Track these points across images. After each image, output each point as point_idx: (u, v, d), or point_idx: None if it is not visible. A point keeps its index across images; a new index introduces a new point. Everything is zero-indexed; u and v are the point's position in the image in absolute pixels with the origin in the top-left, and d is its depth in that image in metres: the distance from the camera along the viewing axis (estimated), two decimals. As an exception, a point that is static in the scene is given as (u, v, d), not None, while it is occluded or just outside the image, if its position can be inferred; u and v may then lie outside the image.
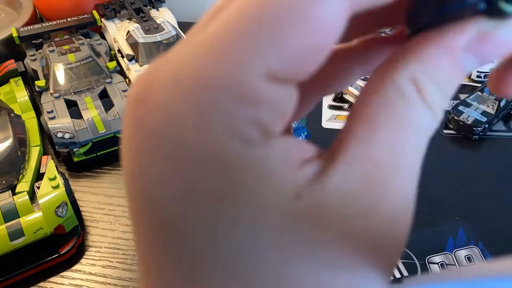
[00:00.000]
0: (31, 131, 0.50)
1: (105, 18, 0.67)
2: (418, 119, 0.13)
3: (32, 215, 0.38)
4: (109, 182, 0.49)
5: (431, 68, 0.13)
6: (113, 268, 0.40)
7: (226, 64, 0.11)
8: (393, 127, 0.13)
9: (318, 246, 0.12)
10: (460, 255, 0.39)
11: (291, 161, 0.12)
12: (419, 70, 0.13)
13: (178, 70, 0.11)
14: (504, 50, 0.13)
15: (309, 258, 0.12)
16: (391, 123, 0.12)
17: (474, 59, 0.13)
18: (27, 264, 0.39)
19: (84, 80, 0.54)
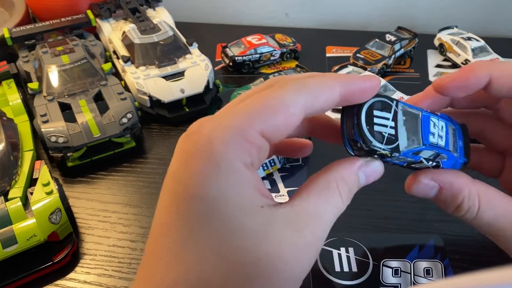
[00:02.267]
0: (24, 135, 0.50)
1: (100, 18, 0.68)
2: (334, 202, 0.26)
3: (25, 222, 0.39)
4: (104, 188, 0.50)
5: (344, 176, 0.27)
6: (109, 276, 0.41)
7: (244, 123, 0.24)
8: (319, 200, 0.25)
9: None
10: (419, 266, 0.40)
11: (258, 187, 0.24)
12: (339, 176, 0.27)
13: (219, 120, 0.24)
14: (376, 173, 0.28)
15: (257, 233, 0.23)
16: (319, 198, 0.26)
17: (363, 175, 0.27)
18: (20, 272, 0.39)
19: (79, 82, 0.55)
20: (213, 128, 0.23)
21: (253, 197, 0.23)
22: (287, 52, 0.69)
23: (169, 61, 0.59)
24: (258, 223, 0.23)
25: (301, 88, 0.24)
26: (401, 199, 0.47)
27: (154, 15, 0.68)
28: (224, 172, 0.23)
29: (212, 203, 0.22)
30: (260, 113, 0.24)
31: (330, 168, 0.27)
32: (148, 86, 0.56)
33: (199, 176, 0.22)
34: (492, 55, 0.66)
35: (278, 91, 0.24)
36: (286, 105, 0.24)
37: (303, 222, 0.24)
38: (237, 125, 0.23)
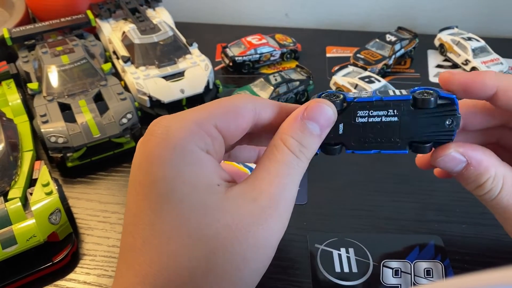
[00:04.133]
0: (24, 136, 0.50)
1: (100, 18, 0.68)
2: (285, 159, 0.26)
3: (24, 222, 0.39)
4: (104, 188, 0.50)
5: (287, 130, 0.27)
6: (108, 277, 0.41)
7: (198, 116, 0.27)
8: (268, 164, 0.26)
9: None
10: (419, 267, 0.40)
11: (216, 169, 0.26)
12: (282, 132, 0.27)
13: (176, 115, 0.27)
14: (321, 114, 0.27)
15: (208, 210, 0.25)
16: (268, 162, 0.26)
17: (313, 123, 0.27)
18: (20, 273, 0.39)
19: (78, 82, 0.55)
20: (170, 120, 0.26)
21: (209, 176, 0.25)
22: (287, 52, 0.69)
23: (169, 61, 0.59)
24: (215, 199, 0.24)
25: (252, 99, 0.28)
26: (401, 199, 0.47)
27: (154, 15, 0.68)
28: (180, 154, 0.24)
29: (170, 184, 0.24)
30: (215, 111, 0.27)
31: (277, 131, 0.28)
32: (148, 86, 0.56)
33: (158, 161, 0.24)
34: (492, 55, 0.66)
35: (233, 98, 0.28)
36: (237, 107, 0.27)
37: (257, 189, 0.25)
38: (192, 117, 0.26)
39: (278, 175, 0.26)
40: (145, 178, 0.25)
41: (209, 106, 0.27)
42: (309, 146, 0.27)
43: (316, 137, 0.27)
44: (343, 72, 0.63)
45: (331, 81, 0.62)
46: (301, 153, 0.26)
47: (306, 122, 0.27)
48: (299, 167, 0.26)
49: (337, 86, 0.61)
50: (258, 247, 0.25)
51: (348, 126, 0.29)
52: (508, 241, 0.43)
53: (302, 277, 0.39)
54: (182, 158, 0.24)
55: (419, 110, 0.28)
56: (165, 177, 0.24)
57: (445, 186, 0.49)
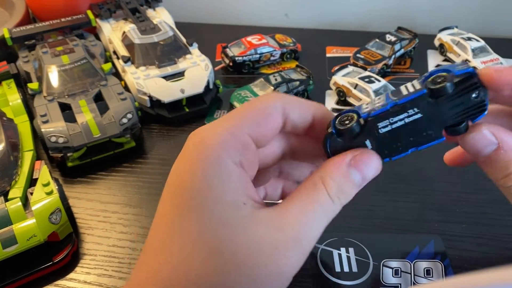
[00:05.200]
0: (24, 135, 0.51)
1: (100, 18, 0.68)
2: (320, 200, 0.26)
3: (25, 222, 0.39)
4: (104, 188, 0.50)
5: (331, 173, 0.26)
6: (109, 276, 0.41)
7: (232, 125, 0.27)
8: (304, 200, 0.26)
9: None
10: (419, 266, 0.40)
11: (245, 186, 0.26)
12: (325, 173, 0.26)
13: (212, 124, 0.27)
14: (370, 165, 0.27)
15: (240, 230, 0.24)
16: (304, 198, 0.26)
17: (357, 173, 0.27)
18: (20, 273, 0.39)
19: (79, 82, 0.55)
20: (207, 129, 0.27)
21: (237, 191, 0.25)
22: (287, 52, 0.69)
23: (169, 61, 0.59)
24: (239, 216, 0.24)
25: (281, 97, 0.28)
26: (401, 199, 0.47)
27: (154, 15, 0.68)
28: (212, 164, 0.25)
29: (198, 193, 0.24)
30: (245, 115, 0.27)
31: (320, 168, 0.27)
32: (148, 86, 0.56)
33: (191, 168, 0.25)
34: (492, 55, 0.66)
35: (261, 99, 0.28)
36: (265, 107, 0.27)
37: (285, 221, 0.25)
38: (226, 124, 0.26)
39: (308, 213, 0.25)
40: (178, 182, 0.25)
41: (240, 111, 0.27)
42: (347, 193, 0.27)
43: (356, 187, 0.27)
44: (343, 72, 0.63)
45: (331, 81, 0.63)
46: (338, 198, 0.26)
47: (351, 171, 0.27)
48: (332, 212, 0.26)
49: (337, 86, 0.61)
50: (274, 275, 0.24)
51: (375, 139, 0.28)
52: (508, 240, 0.43)
53: (302, 276, 0.39)
54: (214, 169, 0.24)
55: (439, 99, 0.26)
56: (194, 186, 0.24)
57: (445, 186, 0.49)
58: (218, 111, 0.61)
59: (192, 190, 0.24)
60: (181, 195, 0.25)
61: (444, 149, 0.36)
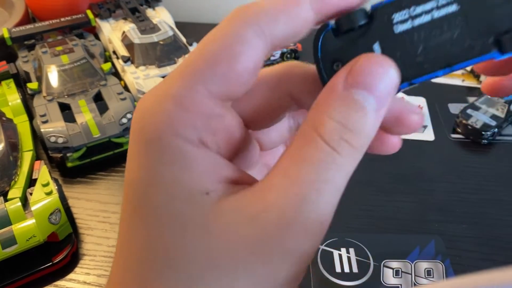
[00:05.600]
0: (24, 135, 0.51)
1: (100, 18, 0.68)
2: (315, 154, 0.16)
3: (24, 222, 0.39)
4: (104, 188, 0.50)
5: (322, 107, 0.17)
6: (108, 277, 0.41)
7: (180, 85, 0.18)
8: (288, 159, 0.17)
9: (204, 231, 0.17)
10: (420, 267, 0.40)
11: (211, 169, 0.18)
12: (316, 113, 0.17)
13: (156, 86, 0.19)
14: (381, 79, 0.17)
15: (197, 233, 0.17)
16: (289, 157, 0.17)
17: (362, 91, 0.17)
18: (20, 273, 0.39)
19: (78, 82, 0.55)
20: (149, 101, 0.18)
21: (195, 180, 0.17)
22: (287, 52, 0.69)
23: (169, 61, 0.59)
24: (197, 213, 0.17)
25: (250, 13, 0.18)
26: (401, 199, 0.47)
27: (154, 15, 0.68)
28: (154, 150, 0.18)
29: (144, 190, 0.18)
30: (201, 65, 0.17)
31: (310, 109, 0.18)
32: (148, 86, 0.56)
33: (135, 163, 0.18)
34: (493, 55, 0.66)
35: (223, 28, 0.18)
36: (232, 42, 0.17)
37: (262, 201, 0.17)
38: (171, 89, 0.18)
39: (298, 180, 0.16)
40: (127, 184, 0.19)
41: (193, 59, 0.18)
42: (358, 129, 0.17)
43: (371, 114, 0.17)
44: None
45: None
46: (344, 142, 0.16)
47: (352, 92, 0.17)
48: (340, 166, 0.17)
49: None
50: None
51: (387, 43, 0.18)
52: (509, 241, 0.43)
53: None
54: (158, 156, 0.17)
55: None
56: (138, 179, 0.18)
57: (445, 186, 0.49)
58: (218, 111, 0.60)
59: (136, 185, 0.18)
60: (129, 198, 0.19)
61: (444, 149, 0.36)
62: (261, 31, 0.17)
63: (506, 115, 0.55)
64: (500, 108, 0.56)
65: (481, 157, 0.53)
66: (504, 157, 0.53)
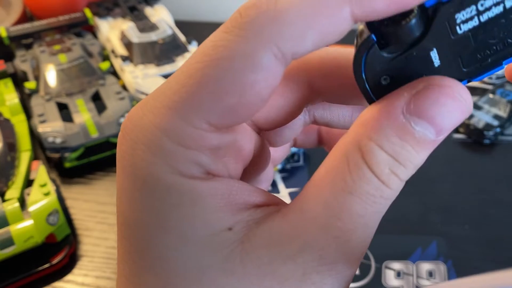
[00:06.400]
0: (21, 135, 0.50)
1: (98, 17, 0.68)
2: (361, 187, 0.14)
3: (22, 223, 0.39)
4: (102, 189, 0.50)
5: (375, 133, 0.14)
6: (107, 278, 0.41)
7: (175, 117, 0.15)
8: (331, 189, 0.15)
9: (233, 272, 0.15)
10: (422, 267, 0.40)
11: (228, 200, 0.15)
12: (363, 137, 0.14)
13: (144, 111, 0.15)
14: (450, 112, 0.14)
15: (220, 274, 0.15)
16: (331, 185, 0.15)
17: (424, 122, 0.14)
18: (17, 274, 0.39)
19: (76, 81, 0.55)
20: (138, 126, 0.16)
21: (211, 217, 0.15)
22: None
23: (168, 60, 0.59)
24: (219, 258, 0.15)
25: (268, 31, 0.14)
26: (403, 200, 0.47)
27: (152, 13, 0.68)
28: (154, 192, 0.15)
29: (146, 233, 0.16)
30: (201, 98, 0.14)
31: (355, 124, 0.15)
32: (146, 85, 0.56)
33: (126, 196, 0.16)
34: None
35: (229, 49, 0.15)
36: (242, 72, 0.14)
37: (301, 241, 0.15)
38: (165, 125, 0.15)
39: (342, 216, 0.15)
40: (120, 213, 0.16)
41: (191, 85, 0.15)
42: (409, 163, 0.15)
43: (425, 148, 0.15)
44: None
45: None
46: (394, 176, 0.14)
47: (412, 122, 0.14)
48: (387, 200, 0.15)
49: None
50: None
51: (447, 48, 0.15)
52: (511, 242, 0.43)
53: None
54: (161, 197, 0.15)
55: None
56: (142, 222, 0.15)
57: (447, 186, 0.49)
58: (218, 111, 0.60)
59: (143, 235, 0.16)
60: (131, 241, 0.16)
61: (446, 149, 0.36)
62: (281, 54, 0.14)
63: (508, 114, 0.55)
64: (503, 108, 0.56)
65: (484, 157, 0.53)
66: (506, 157, 0.53)
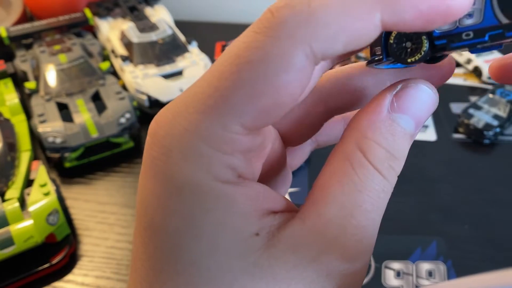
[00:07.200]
0: (21, 135, 0.50)
1: (98, 17, 0.68)
2: (367, 182, 0.16)
3: (22, 223, 0.39)
4: (102, 188, 0.50)
5: (370, 132, 0.16)
6: (107, 278, 0.41)
7: (210, 121, 0.15)
8: (342, 190, 0.16)
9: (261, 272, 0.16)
10: (421, 267, 0.40)
11: (256, 205, 0.16)
12: (361, 136, 0.16)
13: (175, 116, 0.16)
14: (421, 100, 0.17)
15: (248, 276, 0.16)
16: (340, 186, 0.16)
17: (402, 115, 0.17)
18: (17, 274, 0.39)
19: (76, 81, 0.55)
20: (170, 132, 0.16)
21: (242, 223, 0.16)
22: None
23: (168, 60, 0.59)
24: (250, 263, 0.16)
25: (301, 31, 0.14)
26: (403, 200, 0.47)
27: (152, 13, 0.68)
28: (187, 197, 0.16)
29: (176, 239, 0.16)
30: (235, 100, 0.15)
31: (348, 128, 0.17)
32: (146, 85, 0.56)
33: (156, 202, 0.16)
34: (495, 54, 0.66)
35: (261, 49, 0.15)
36: (275, 73, 0.14)
37: (323, 244, 0.16)
38: (202, 130, 0.15)
39: (355, 213, 0.16)
40: (143, 214, 0.17)
41: (224, 87, 0.15)
42: (401, 156, 0.17)
43: (409, 140, 0.17)
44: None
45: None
46: (391, 169, 0.17)
47: (397, 117, 0.17)
48: (388, 193, 0.17)
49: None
50: None
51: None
52: (511, 241, 0.43)
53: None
54: (197, 202, 0.16)
55: None
56: (171, 227, 0.16)
57: (447, 186, 0.49)
58: (218, 111, 0.60)
59: (171, 240, 0.16)
60: (152, 237, 0.16)
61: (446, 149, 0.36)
62: (313, 55, 0.14)
63: (508, 114, 0.55)
64: (503, 108, 0.56)
65: (483, 157, 0.53)
66: (506, 157, 0.53)
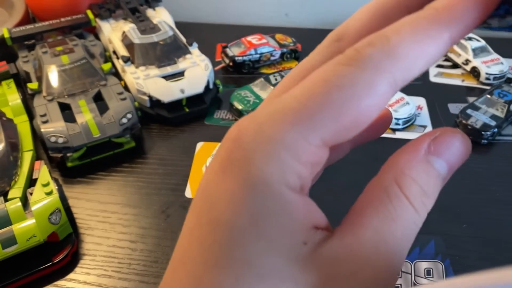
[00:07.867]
0: (24, 135, 0.51)
1: (100, 18, 0.68)
2: (403, 216, 0.18)
3: (24, 222, 0.39)
4: (104, 188, 0.50)
5: (408, 170, 0.18)
6: (108, 277, 0.41)
7: (294, 132, 0.16)
8: (377, 217, 0.18)
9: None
10: (420, 267, 0.40)
11: (309, 217, 0.17)
12: (400, 173, 0.18)
13: (261, 125, 0.17)
14: (457, 148, 0.19)
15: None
16: (376, 214, 0.18)
17: (439, 160, 0.19)
18: (20, 273, 0.39)
19: (78, 82, 0.55)
20: (254, 138, 0.17)
21: (297, 230, 0.17)
22: (287, 52, 0.69)
23: (169, 61, 0.59)
24: (297, 268, 0.17)
25: (386, 61, 0.16)
26: (401, 199, 0.47)
27: (154, 15, 0.68)
28: (260, 198, 0.17)
29: (239, 235, 0.17)
30: (321, 116, 0.16)
31: (386, 165, 0.19)
32: (148, 86, 0.56)
33: (229, 198, 0.17)
34: (493, 55, 0.66)
35: (350, 74, 0.16)
36: (360, 96, 0.16)
37: (358, 262, 0.17)
38: (287, 140, 0.17)
39: (389, 240, 0.18)
40: (208, 210, 0.18)
41: (313, 102, 0.17)
42: (432, 195, 0.19)
43: (441, 182, 0.19)
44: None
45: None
46: (423, 205, 0.18)
47: (432, 160, 0.19)
48: (418, 226, 0.19)
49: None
50: None
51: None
52: (508, 241, 0.43)
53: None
54: (262, 203, 0.17)
55: None
56: (234, 224, 0.17)
57: (445, 185, 0.48)
58: (218, 111, 0.61)
59: (230, 229, 0.17)
60: (214, 231, 0.17)
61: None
62: (395, 82, 0.16)
63: (506, 115, 0.55)
64: (500, 108, 0.56)
65: (481, 157, 0.53)
66: (504, 157, 0.53)
